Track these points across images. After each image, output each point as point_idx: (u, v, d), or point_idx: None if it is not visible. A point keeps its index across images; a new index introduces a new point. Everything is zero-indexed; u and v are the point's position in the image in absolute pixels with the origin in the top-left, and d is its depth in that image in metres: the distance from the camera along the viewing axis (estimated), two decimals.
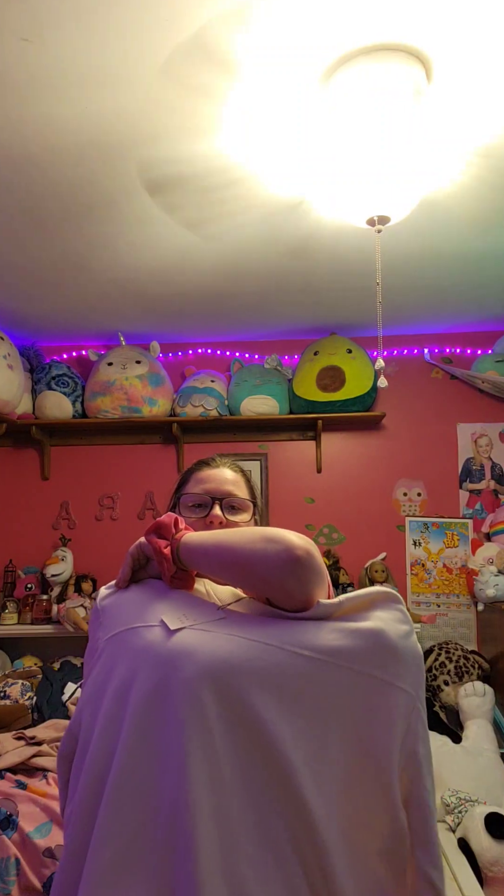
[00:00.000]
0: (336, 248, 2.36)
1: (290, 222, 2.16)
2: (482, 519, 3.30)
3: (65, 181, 1.91)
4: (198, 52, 1.41)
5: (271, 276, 2.61)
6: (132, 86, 1.51)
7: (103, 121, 1.63)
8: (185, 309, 3.00)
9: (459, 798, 2.32)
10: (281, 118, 1.64)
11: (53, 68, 1.45)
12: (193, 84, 1.50)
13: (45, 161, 1.80)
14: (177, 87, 1.51)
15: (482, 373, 3.25)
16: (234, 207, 2.06)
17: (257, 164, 1.83)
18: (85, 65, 1.44)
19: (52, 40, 1.37)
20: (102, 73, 1.47)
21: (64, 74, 1.47)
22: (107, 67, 1.45)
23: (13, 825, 1.66)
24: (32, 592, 3.18)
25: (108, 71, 1.46)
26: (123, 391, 3.16)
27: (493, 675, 2.95)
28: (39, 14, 1.30)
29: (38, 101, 1.56)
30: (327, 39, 1.39)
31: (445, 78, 1.51)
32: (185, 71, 1.46)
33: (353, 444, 3.42)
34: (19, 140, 1.71)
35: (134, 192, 1.97)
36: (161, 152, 1.77)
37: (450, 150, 1.78)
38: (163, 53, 1.41)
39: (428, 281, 2.71)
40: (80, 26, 1.33)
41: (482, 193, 1.99)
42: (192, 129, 1.67)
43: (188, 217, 2.12)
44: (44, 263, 2.46)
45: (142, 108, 1.59)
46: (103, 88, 1.52)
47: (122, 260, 2.43)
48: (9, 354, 2.97)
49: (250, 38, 1.37)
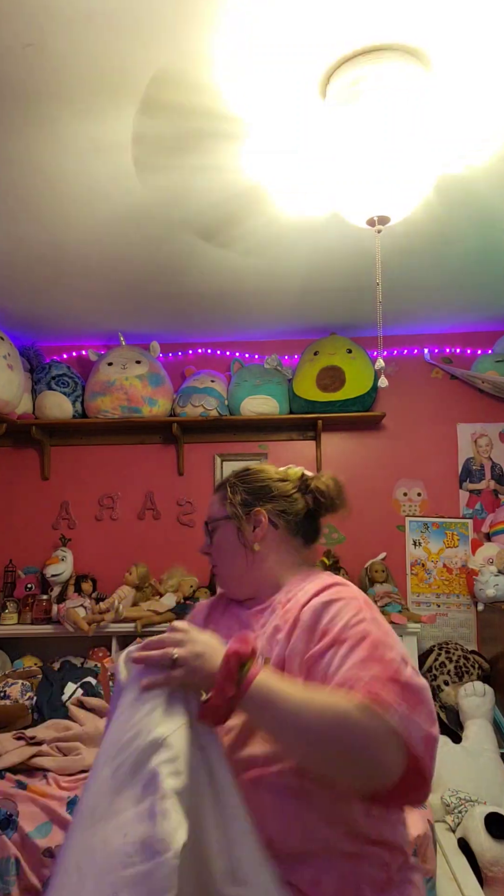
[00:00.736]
0: (336, 247, 2.35)
1: (290, 223, 2.16)
2: (482, 519, 3.30)
3: (66, 182, 1.91)
4: (199, 53, 1.41)
5: (271, 275, 2.61)
6: (135, 91, 1.51)
7: (106, 123, 1.63)
8: (186, 309, 3.00)
9: (459, 798, 2.32)
10: (280, 119, 1.64)
11: (56, 74, 1.45)
12: (195, 85, 1.51)
13: None
14: (177, 87, 1.51)
15: (482, 373, 3.25)
16: (236, 213, 2.06)
17: (258, 164, 1.83)
18: (87, 71, 1.44)
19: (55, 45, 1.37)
20: (104, 80, 1.47)
21: (67, 80, 1.47)
22: (110, 75, 1.45)
23: (13, 825, 1.66)
24: (32, 592, 3.18)
25: (111, 78, 1.46)
26: (123, 391, 3.16)
27: (493, 675, 2.95)
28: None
29: (41, 104, 1.56)
30: (326, 40, 1.39)
31: (445, 78, 1.51)
32: (183, 73, 1.46)
33: (353, 444, 3.42)
34: (22, 142, 1.71)
35: (135, 190, 1.97)
36: (161, 153, 1.77)
37: (450, 150, 1.78)
38: (164, 53, 1.41)
39: (428, 281, 2.71)
40: None
41: (482, 193, 1.99)
42: (193, 129, 1.67)
43: (191, 220, 2.12)
44: (44, 263, 2.46)
45: (143, 108, 1.59)
46: (104, 94, 1.52)
47: (123, 259, 2.44)
48: (9, 354, 2.97)
49: (250, 39, 1.37)
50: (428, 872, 1.72)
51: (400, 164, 1.52)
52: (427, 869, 1.72)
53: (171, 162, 1.82)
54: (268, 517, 1.15)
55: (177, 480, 3.43)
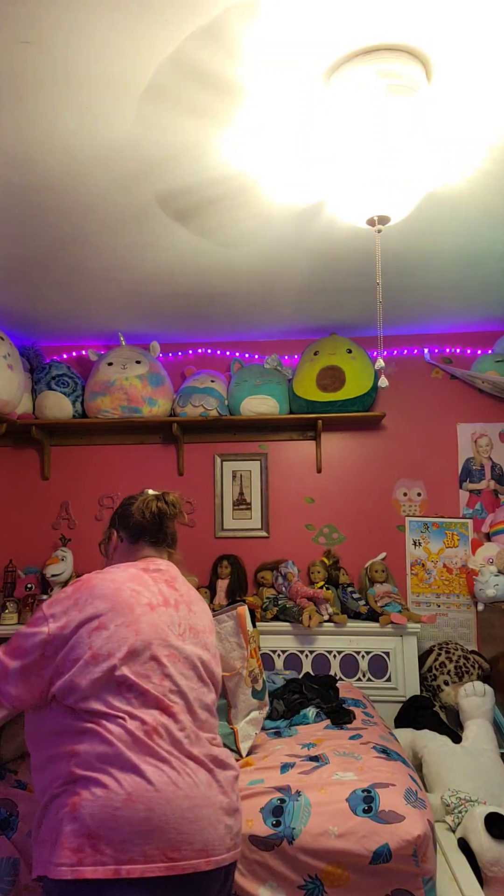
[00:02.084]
0: (336, 247, 2.35)
1: (290, 222, 2.16)
2: (482, 519, 3.30)
3: (62, 179, 1.91)
4: (197, 53, 1.41)
5: (272, 275, 2.61)
6: (133, 87, 1.51)
7: (104, 123, 1.63)
8: (186, 309, 3.00)
9: (459, 798, 2.31)
10: (282, 120, 1.64)
11: (54, 72, 1.45)
12: (194, 83, 1.51)
13: (45, 163, 1.81)
14: (180, 85, 1.51)
15: (482, 373, 3.25)
16: (235, 209, 2.06)
17: (258, 165, 1.83)
18: (85, 68, 1.44)
19: (53, 43, 1.37)
20: (103, 77, 1.47)
21: (65, 78, 1.47)
22: (107, 70, 1.45)
23: (13, 825, 1.66)
24: (32, 592, 3.18)
25: (109, 73, 1.46)
26: (123, 391, 3.16)
27: (493, 675, 2.95)
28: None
29: (39, 103, 1.55)
30: (328, 40, 1.39)
31: (445, 78, 1.51)
32: (187, 73, 1.46)
33: (353, 444, 3.42)
34: (19, 141, 1.71)
35: (134, 189, 1.97)
36: (161, 154, 1.77)
37: (450, 150, 1.77)
38: (171, 46, 1.41)
39: (428, 281, 2.71)
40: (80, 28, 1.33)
41: (483, 193, 1.99)
42: (194, 130, 1.67)
43: (190, 219, 2.12)
44: (44, 263, 2.46)
45: (143, 110, 1.58)
46: (104, 92, 1.52)
47: (122, 260, 2.44)
48: (9, 354, 2.97)
49: (252, 37, 1.37)
50: (428, 872, 1.72)
51: (400, 163, 1.52)
52: (427, 869, 1.72)
53: (173, 160, 1.82)
54: (117, 534, 1.58)
55: (177, 480, 3.43)
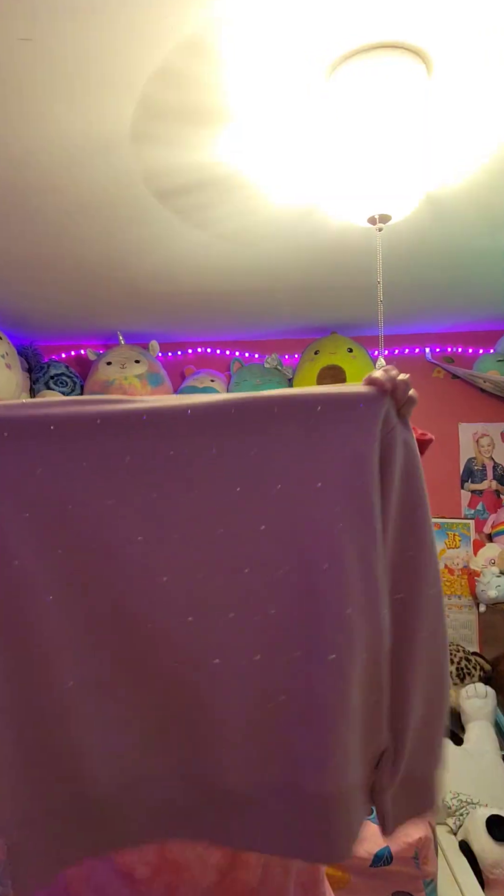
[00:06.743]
0: (337, 246, 2.34)
1: (290, 221, 2.15)
2: (484, 519, 3.29)
3: (61, 177, 1.89)
4: (199, 49, 1.39)
5: (272, 274, 2.60)
6: (132, 85, 1.50)
7: (103, 119, 1.62)
8: (185, 308, 2.99)
9: (461, 800, 2.31)
10: (282, 117, 1.62)
11: (52, 68, 1.44)
12: (193, 82, 1.49)
13: (44, 160, 1.79)
14: (178, 86, 1.50)
15: (484, 372, 3.24)
16: (234, 207, 2.04)
17: (258, 164, 1.81)
18: (83, 65, 1.43)
19: (51, 40, 1.35)
20: (101, 73, 1.46)
21: (63, 74, 1.45)
22: (107, 68, 1.44)
23: None
24: None
25: (108, 70, 1.45)
26: (122, 391, 3.14)
27: (495, 676, 2.94)
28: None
29: (37, 99, 1.54)
30: (328, 37, 1.37)
31: (447, 76, 1.49)
32: (185, 68, 1.45)
33: None
34: (18, 138, 1.70)
35: (134, 188, 1.96)
36: (161, 154, 1.76)
37: (451, 149, 1.76)
38: (165, 47, 1.39)
39: (430, 280, 2.70)
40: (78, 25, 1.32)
41: (484, 192, 1.98)
42: (194, 129, 1.66)
43: (189, 216, 2.10)
44: (43, 262, 2.45)
45: (143, 107, 1.57)
46: (102, 88, 1.50)
47: (121, 259, 2.42)
48: (7, 354, 2.96)
49: (252, 36, 1.36)
50: (429, 875, 1.71)
51: (401, 162, 1.51)
52: (428, 871, 1.71)
53: (172, 160, 1.80)
54: None
55: None
